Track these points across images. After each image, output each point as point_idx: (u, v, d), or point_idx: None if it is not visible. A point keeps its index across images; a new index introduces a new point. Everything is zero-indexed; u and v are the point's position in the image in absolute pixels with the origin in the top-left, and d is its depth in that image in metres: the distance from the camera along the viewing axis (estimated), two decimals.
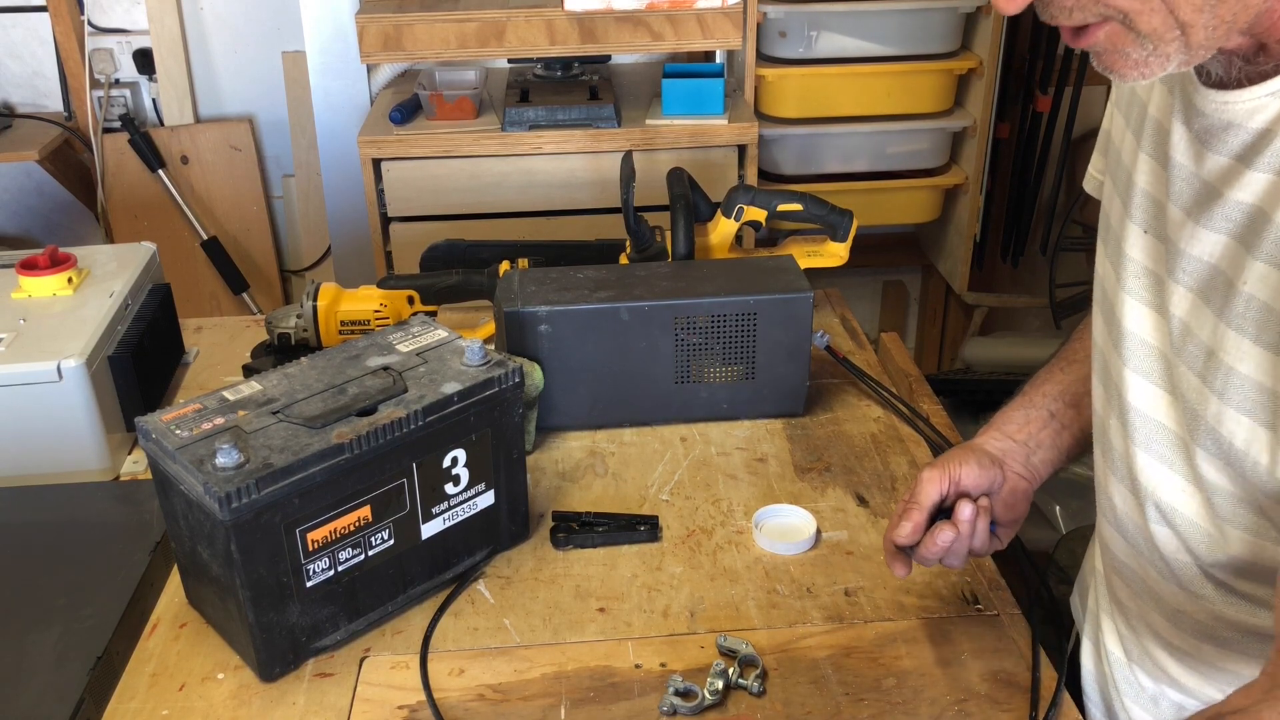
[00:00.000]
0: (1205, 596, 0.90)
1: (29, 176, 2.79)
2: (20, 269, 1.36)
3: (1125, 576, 1.00)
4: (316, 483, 0.94)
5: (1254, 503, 0.81)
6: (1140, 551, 0.94)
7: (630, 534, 1.16)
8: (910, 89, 2.49)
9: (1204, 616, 0.91)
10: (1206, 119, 0.80)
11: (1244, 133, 0.77)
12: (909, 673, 0.99)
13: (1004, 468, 1.03)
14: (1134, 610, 1.00)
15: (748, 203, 1.49)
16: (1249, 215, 0.77)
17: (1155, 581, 0.94)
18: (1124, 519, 0.95)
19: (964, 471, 0.99)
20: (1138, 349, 0.90)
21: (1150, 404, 0.89)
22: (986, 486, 1.00)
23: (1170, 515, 0.89)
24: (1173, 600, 0.93)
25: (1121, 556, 0.98)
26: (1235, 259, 0.78)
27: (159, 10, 2.66)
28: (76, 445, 1.25)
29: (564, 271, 1.35)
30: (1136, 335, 0.90)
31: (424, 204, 2.27)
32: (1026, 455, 1.05)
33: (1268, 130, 0.76)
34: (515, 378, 1.07)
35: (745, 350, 1.31)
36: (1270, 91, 0.75)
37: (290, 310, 1.46)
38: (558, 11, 2.18)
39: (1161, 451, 0.88)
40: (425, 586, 1.08)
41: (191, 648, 1.03)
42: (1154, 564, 0.93)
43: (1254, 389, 0.77)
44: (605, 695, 0.97)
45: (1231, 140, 0.78)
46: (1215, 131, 0.79)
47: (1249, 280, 0.77)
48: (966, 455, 1.01)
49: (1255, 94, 0.76)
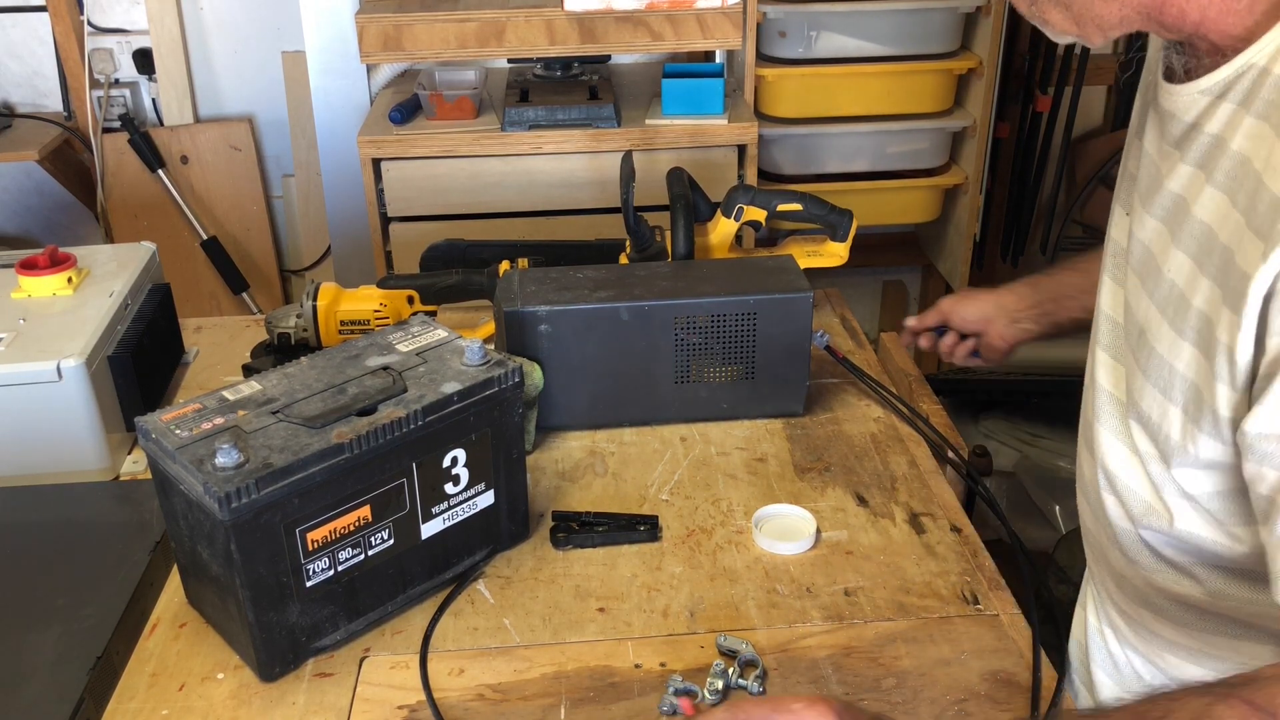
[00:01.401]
0: (1140, 563, 0.96)
1: (29, 176, 2.79)
2: (20, 269, 1.36)
3: (1090, 542, 1.08)
4: (316, 483, 0.94)
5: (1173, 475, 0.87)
6: (1098, 517, 1.01)
7: (630, 534, 1.16)
8: (910, 89, 2.49)
9: (1140, 583, 0.98)
10: (1161, 109, 0.87)
11: (1181, 125, 0.84)
12: (909, 672, 0.99)
13: (993, 324, 1.36)
14: (1096, 575, 1.09)
15: (747, 203, 1.49)
16: (1176, 204, 0.84)
17: (1106, 547, 1.02)
18: (1088, 486, 1.02)
19: (959, 311, 1.38)
20: (1105, 325, 0.97)
21: (1106, 376, 0.97)
22: (974, 329, 1.38)
23: (1114, 482, 0.96)
24: (1118, 565, 1.00)
25: (1087, 523, 1.06)
26: (1163, 245, 0.85)
27: (159, 10, 2.66)
28: (76, 445, 1.25)
29: (564, 271, 1.35)
30: (1105, 312, 0.98)
31: (424, 204, 2.27)
32: (1013, 317, 1.34)
33: (1195, 124, 0.82)
34: (515, 377, 1.07)
35: (745, 350, 1.31)
36: (1201, 89, 0.81)
37: (290, 310, 1.46)
38: (557, 11, 2.18)
39: (1111, 421, 0.96)
40: (425, 586, 1.08)
41: (191, 648, 1.03)
42: (1105, 529, 1.00)
43: (1167, 369, 0.83)
44: (605, 695, 0.97)
45: (1173, 130, 0.85)
46: (1165, 120, 0.86)
47: (1170, 267, 0.83)
48: (971, 302, 1.37)
49: (1189, 90, 0.82)
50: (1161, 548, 0.93)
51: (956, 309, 1.39)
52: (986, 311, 1.36)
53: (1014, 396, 2.36)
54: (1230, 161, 0.78)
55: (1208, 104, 0.81)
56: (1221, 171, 0.79)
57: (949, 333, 1.41)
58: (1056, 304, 1.31)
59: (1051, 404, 2.29)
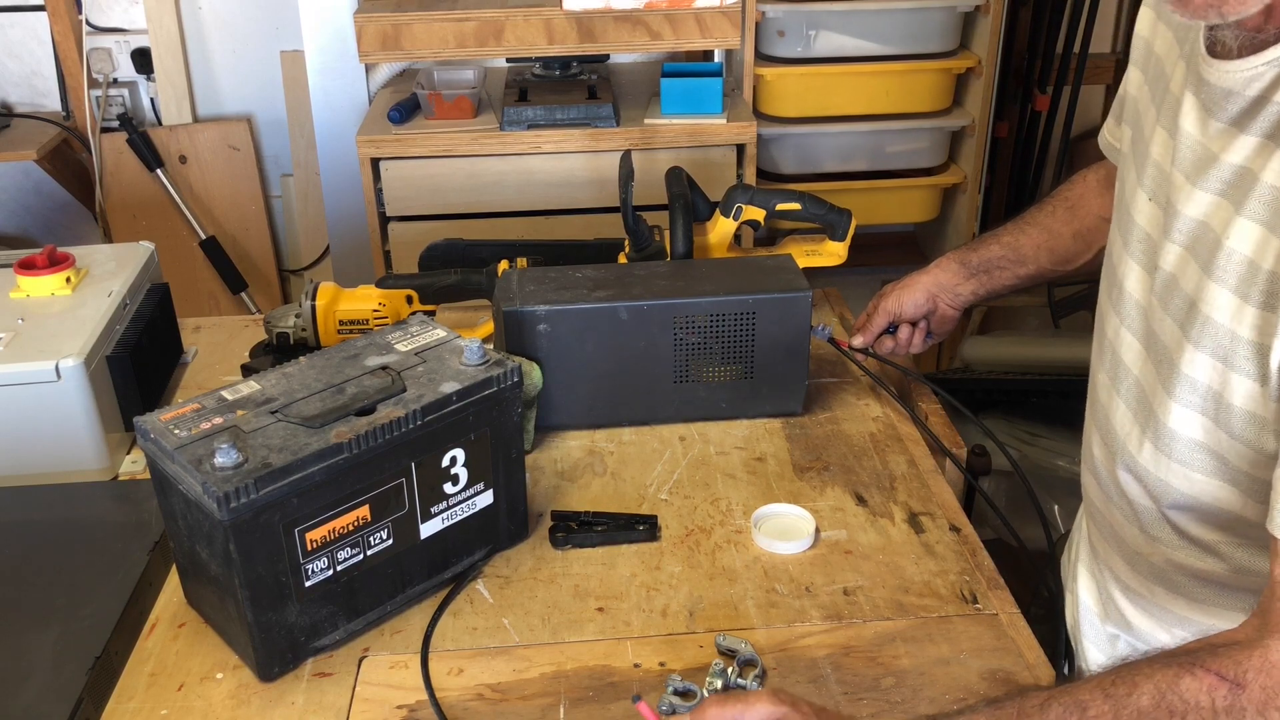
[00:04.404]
0: (1161, 540, 0.98)
1: (27, 176, 2.79)
2: (19, 269, 1.36)
3: (1097, 521, 1.11)
4: (315, 482, 0.94)
5: (1216, 451, 0.89)
6: (1110, 496, 1.03)
7: (629, 533, 1.16)
8: (909, 88, 2.49)
9: (1158, 560, 1.00)
10: (1210, 88, 0.87)
11: (1241, 100, 0.84)
12: (908, 672, 0.99)
13: (937, 301, 1.39)
14: (1101, 553, 1.12)
15: (746, 202, 1.49)
16: (1238, 175, 0.84)
17: (1120, 525, 1.03)
18: (1099, 466, 1.04)
19: (904, 305, 1.39)
20: (1132, 309, 0.98)
21: (1133, 358, 0.98)
22: (923, 314, 1.40)
23: (1132, 462, 0.97)
24: (1133, 543, 1.02)
25: (1095, 501, 1.08)
26: (1224, 217, 0.85)
27: (157, 10, 2.65)
28: (75, 445, 1.25)
29: (563, 271, 1.35)
30: (1132, 296, 0.98)
31: (422, 203, 2.27)
32: (954, 291, 1.38)
33: (1261, 97, 0.82)
34: (514, 377, 1.07)
35: (744, 349, 1.31)
36: (1266, 60, 0.81)
37: (289, 310, 1.46)
38: (556, 11, 2.18)
39: (1134, 403, 0.97)
40: (424, 586, 1.08)
41: (190, 647, 1.03)
42: (1120, 508, 1.01)
43: (1227, 336, 0.84)
44: (604, 695, 0.97)
45: (1230, 107, 0.85)
46: (1217, 99, 0.86)
47: (1232, 235, 0.84)
48: (910, 291, 1.39)
49: (1253, 63, 0.82)
50: (1187, 525, 0.94)
51: (901, 304, 1.40)
52: (929, 292, 1.39)
53: (1014, 396, 2.36)
54: None
55: (1276, 75, 0.81)
56: None
57: (901, 326, 1.42)
58: (990, 275, 1.36)
59: (1051, 404, 2.29)
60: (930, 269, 1.40)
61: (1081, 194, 1.30)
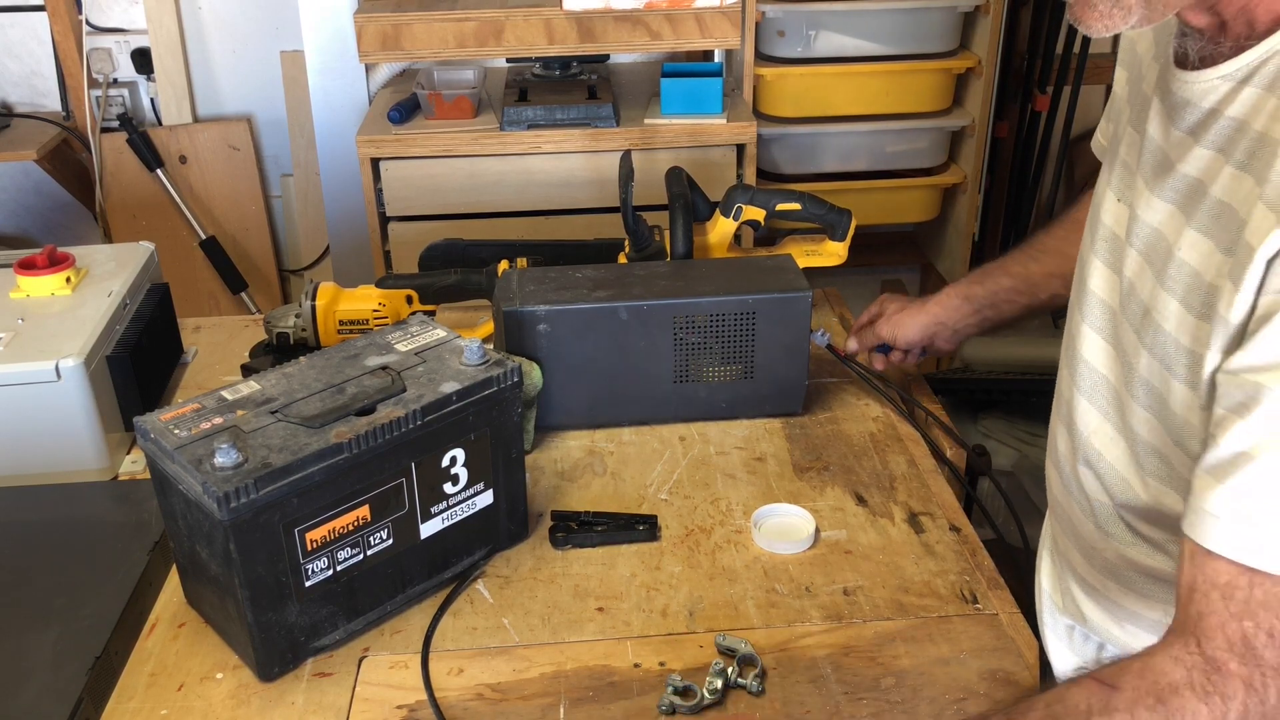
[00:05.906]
0: (1115, 536, 0.99)
1: (27, 176, 2.79)
2: (18, 269, 1.36)
3: (1057, 513, 1.11)
4: (315, 482, 0.94)
5: (1163, 454, 0.90)
6: (1070, 490, 1.04)
7: (629, 533, 1.16)
8: (909, 88, 2.49)
9: (1112, 555, 1.01)
10: (1173, 96, 0.88)
11: (1197, 111, 0.85)
12: (908, 672, 0.99)
13: (934, 338, 1.37)
14: (1060, 546, 1.12)
15: (746, 202, 1.49)
16: (1191, 187, 0.85)
17: (1078, 519, 1.04)
18: (1062, 459, 1.05)
19: (899, 338, 1.38)
20: (1094, 306, 0.99)
21: (1096, 356, 0.99)
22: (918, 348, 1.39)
23: (1096, 459, 0.99)
24: (1089, 537, 1.02)
25: (1056, 493, 1.09)
26: (1176, 227, 0.86)
27: (157, 10, 2.65)
28: (75, 445, 1.25)
29: (563, 271, 1.35)
30: (1095, 294, 0.99)
31: (422, 203, 2.27)
32: (954, 329, 1.36)
33: (1214, 110, 0.83)
34: (514, 377, 1.07)
35: (744, 349, 1.31)
36: (1221, 75, 0.82)
37: (289, 310, 1.46)
38: (556, 11, 2.18)
39: (1098, 401, 0.98)
40: (424, 586, 1.08)
41: (190, 647, 1.03)
42: (1079, 502, 1.02)
43: (1171, 344, 0.85)
44: (604, 694, 0.97)
45: (1188, 117, 0.86)
46: (1178, 108, 0.87)
47: (1183, 247, 0.84)
48: (906, 327, 1.37)
49: (1208, 76, 0.83)
50: (1138, 523, 0.96)
51: (897, 333, 1.37)
52: (927, 331, 1.36)
53: (1014, 396, 2.36)
54: (1251, 141, 0.79)
55: (1230, 89, 0.82)
56: (1241, 150, 0.80)
57: (893, 350, 1.40)
58: (995, 309, 1.32)
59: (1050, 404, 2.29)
60: (931, 303, 1.37)
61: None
